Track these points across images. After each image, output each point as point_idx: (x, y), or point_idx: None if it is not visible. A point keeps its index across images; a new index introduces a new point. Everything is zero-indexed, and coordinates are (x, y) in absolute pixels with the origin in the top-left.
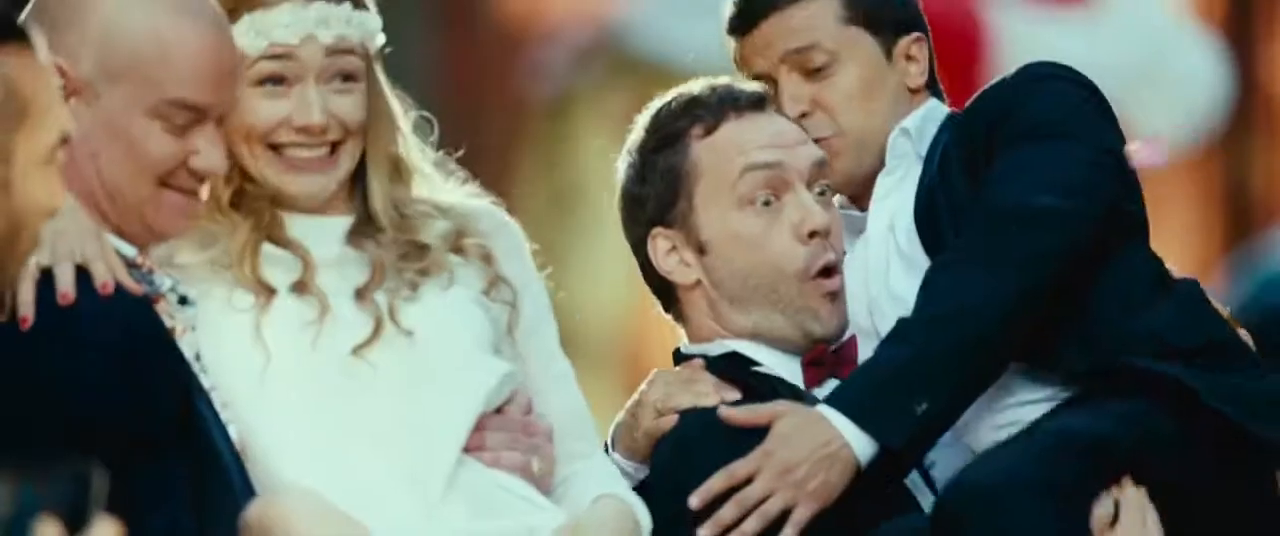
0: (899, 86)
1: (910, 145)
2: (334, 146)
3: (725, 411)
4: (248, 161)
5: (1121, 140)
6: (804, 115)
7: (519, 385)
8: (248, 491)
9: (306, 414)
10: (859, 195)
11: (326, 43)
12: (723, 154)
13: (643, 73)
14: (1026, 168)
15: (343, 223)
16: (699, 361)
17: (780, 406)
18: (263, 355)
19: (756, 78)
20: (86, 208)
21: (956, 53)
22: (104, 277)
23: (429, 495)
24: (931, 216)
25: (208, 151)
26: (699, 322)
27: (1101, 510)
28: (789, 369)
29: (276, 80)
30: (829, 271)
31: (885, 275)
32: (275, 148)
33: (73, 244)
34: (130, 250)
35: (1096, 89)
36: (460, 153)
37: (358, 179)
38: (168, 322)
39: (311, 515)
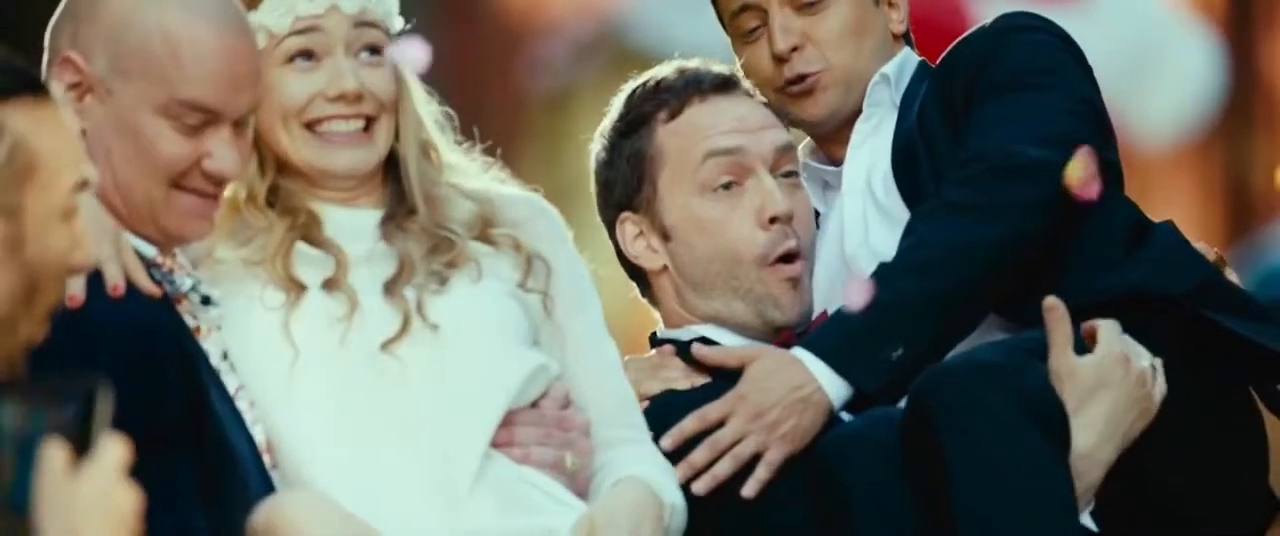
0: (884, 30)
1: (888, 93)
2: (368, 122)
3: (698, 350)
4: (286, 144)
5: (1096, 89)
6: (795, 49)
7: (555, 378)
8: (267, 492)
9: (334, 410)
10: (833, 143)
11: (350, 13)
12: (686, 139)
13: (643, 67)
14: (1009, 118)
15: (374, 216)
16: (669, 347)
17: (754, 349)
18: (291, 352)
19: (744, 9)
20: (104, 206)
21: (942, 49)
22: (115, 279)
23: (455, 491)
24: (910, 166)
25: (221, 154)
26: (669, 308)
27: (1057, 322)
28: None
29: (306, 55)
30: (790, 257)
31: (863, 230)
32: (311, 126)
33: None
34: (150, 250)
35: (1070, 38)
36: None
37: (390, 169)
38: (190, 323)
39: (319, 517)
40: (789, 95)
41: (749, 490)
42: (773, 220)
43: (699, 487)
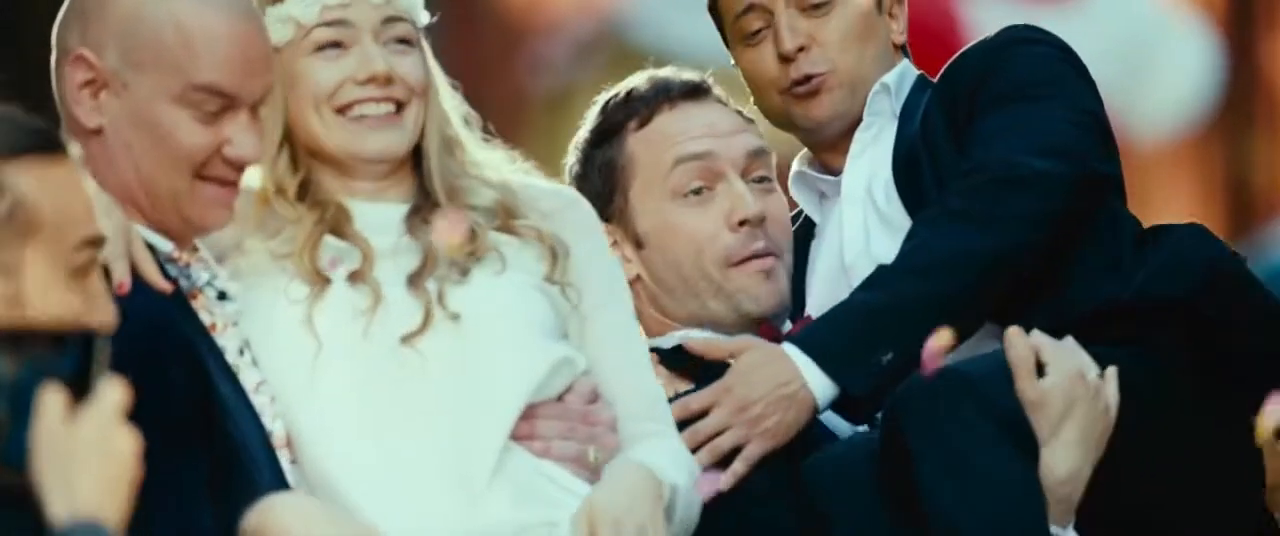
0: (886, 38)
1: (888, 102)
2: (399, 107)
3: (689, 343)
4: (319, 130)
5: (1098, 102)
6: (801, 49)
7: (580, 372)
8: (279, 489)
9: (355, 402)
10: (831, 152)
11: (376, 2)
12: (656, 146)
13: (645, 67)
14: (1011, 129)
15: (401, 210)
16: (652, 355)
17: (744, 342)
18: (314, 344)
19: (748, 9)
20: (123, 202)
21: (934, 52)
22: (121, 277)
23: (474, 482)
24: (912, 174)
25: (241, 139)
26: (647, 315)
27: (1017, 351)
28: None
29: (335, 45)
30: (760, 255)
31: (864, 239)
32: (343, 111)
33: None
34: (166, 245)
35: (1072, 50)
36: None
37: (417, 164)
38: (206, 319)
39: (309, 520)
40: (794, 96)
41: (724, 484)
42: (742, 223)
43: None
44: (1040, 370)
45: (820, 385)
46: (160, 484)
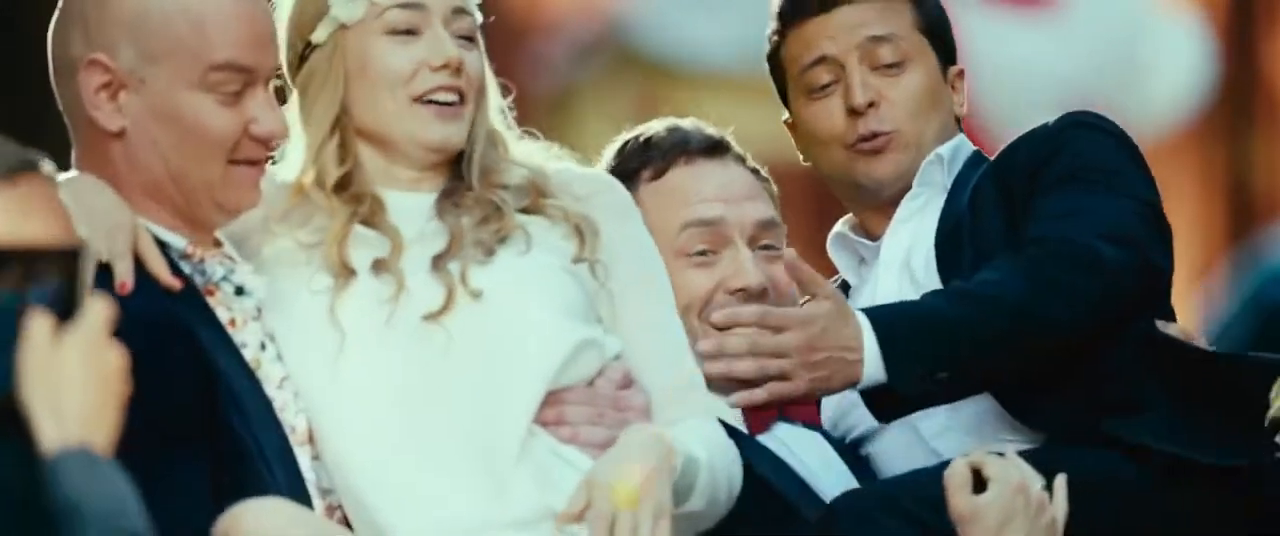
0: (949, 109)
1: (940, 174)
2: (461, 98)
3: (790, 259)
4: (389, 111)
5: (1156, 192)
6: (871, 105)
7: (611, 356)
8: (292, 489)
9: (378, 389)
10: (875, 217)
11: None
12: (667, 203)
13: (645, 68)
14: (1078, 211)
15: (431, 198)
16: None
17: (835, 290)
18: (337, 335)
19: (818, 62)
20: (151, 200)
21: None
22: (123, 277)
23: (497, 466)
24: (953, 249)
25: (265, 116)
26: None
27: (952, 466)
28: (734, 413)
29: (407, 29)
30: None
31: None
32: (418, 99)
33: (99, 241)
34: (180, 242)
35: (1130, 139)
36: None
37: (456, 157)
38: (224, 315)
39: (280, 523)
40: (859, 152)
41: (736, 401)
42: (737, 291)
43: (713, 369)
44: (982, 486)
45: (873, 369)
46: (157, 485)
